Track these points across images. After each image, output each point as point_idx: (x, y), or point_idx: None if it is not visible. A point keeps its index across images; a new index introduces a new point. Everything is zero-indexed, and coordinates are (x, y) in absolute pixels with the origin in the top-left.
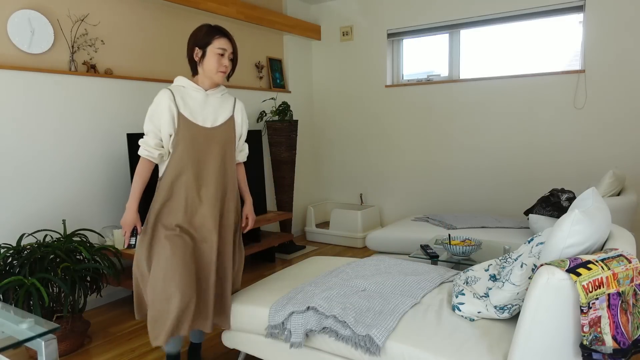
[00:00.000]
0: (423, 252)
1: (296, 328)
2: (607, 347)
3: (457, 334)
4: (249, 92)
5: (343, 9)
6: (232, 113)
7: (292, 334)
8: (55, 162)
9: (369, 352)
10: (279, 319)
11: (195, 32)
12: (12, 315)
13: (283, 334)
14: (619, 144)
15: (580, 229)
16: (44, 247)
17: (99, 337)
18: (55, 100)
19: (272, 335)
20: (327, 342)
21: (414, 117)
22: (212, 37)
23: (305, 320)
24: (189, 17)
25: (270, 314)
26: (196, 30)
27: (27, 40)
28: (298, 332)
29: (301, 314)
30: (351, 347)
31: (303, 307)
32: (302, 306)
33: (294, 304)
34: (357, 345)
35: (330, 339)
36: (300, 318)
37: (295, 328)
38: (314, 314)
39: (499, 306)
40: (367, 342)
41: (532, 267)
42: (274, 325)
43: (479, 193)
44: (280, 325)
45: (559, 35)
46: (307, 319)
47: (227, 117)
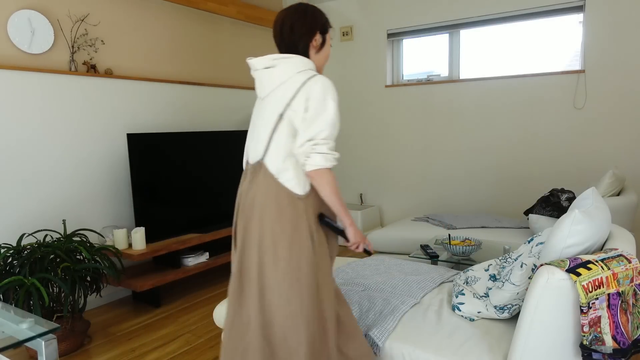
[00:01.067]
0: (423, 252)
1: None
2: (607, 347)
3: (457, 334)
4: (249, 92)
5: (343, 9)
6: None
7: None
8: (56, 162)
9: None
10: None
11: (317, 15)
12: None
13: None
14: (618, 144)
15: (580, 229)
16: (44, 247)
17: (99, 337)
18: (55, 101)
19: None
20: None
21: (414, 117)
22: (329, 24)
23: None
24: (189, 17)
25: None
26: (316, 13)
27: (27, 40)
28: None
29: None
30: None
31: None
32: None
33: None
34: None
35: None
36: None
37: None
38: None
39: (499, 306)
40: (367, 342)
41: (532, 267)
42: None
43: (479, 193)
44: None
45: (559, 35)
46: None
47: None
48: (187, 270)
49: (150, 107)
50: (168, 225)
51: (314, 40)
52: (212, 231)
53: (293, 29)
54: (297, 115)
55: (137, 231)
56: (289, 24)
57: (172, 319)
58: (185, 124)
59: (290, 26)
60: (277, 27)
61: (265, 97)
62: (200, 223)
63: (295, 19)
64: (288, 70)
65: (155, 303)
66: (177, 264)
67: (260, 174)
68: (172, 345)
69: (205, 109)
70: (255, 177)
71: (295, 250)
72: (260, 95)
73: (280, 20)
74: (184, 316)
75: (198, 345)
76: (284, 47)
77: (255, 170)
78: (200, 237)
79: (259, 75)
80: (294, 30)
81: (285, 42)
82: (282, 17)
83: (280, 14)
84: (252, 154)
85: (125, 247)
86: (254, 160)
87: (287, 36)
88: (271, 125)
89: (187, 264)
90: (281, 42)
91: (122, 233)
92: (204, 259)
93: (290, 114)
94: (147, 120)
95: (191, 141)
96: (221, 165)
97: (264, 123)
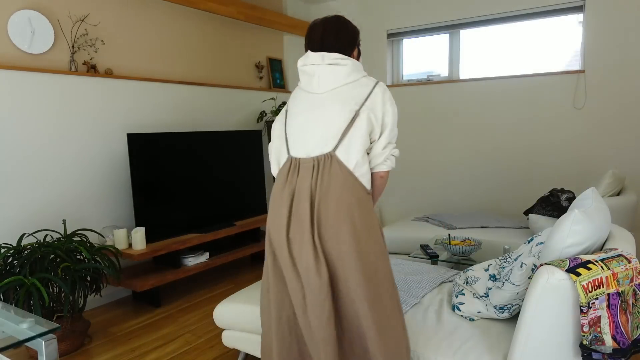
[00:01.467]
0: (423, 252)
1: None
2: (606, 347)
3: (457, 334)
4: (249, 92)
5: (343, 9)
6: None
7: None
8: (56, 162)
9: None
10: None
11: (355, 28)
12: (13, 315)
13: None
14: (619, 144)
15: (580, 229)
16: (44, 247)
17: (99, 337)
18: (55, 100)
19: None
20: None
21: (414, 117)
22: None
23: None
24: (189, 17)
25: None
26: (354, 26)
27: (27, 40)
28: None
29: None
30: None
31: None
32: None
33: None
34: None
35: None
36: None
37: None
38: None
39: (498, 306)
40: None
41: (531, 267)
42: None
43: (478, 193)
44: None
45: (559, 35)
46: None
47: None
48: (187, 270)
49: (150, 107)
50: (168, 225)
51: (355, 51)
52: (212, 231)
53: (339, 38)
54: (376, 117)
55: (137, 231)
56: (334, 32)
57: (172, 319)
58: (185, 124)
59: (335, 35)
60: (318, 35)
61: (326, 92)
62: (200, 223)
63: (339, 29)
64: (355, 71)
65: (155, 303)
66: (177, 264)
67: (333, 166)
68: (172, 345)
69: (205, 109)
70: (326, 169)
71: (379, 246)
72: (316, 90)
73: (321, 28)
74: (184, 316)
75: (198, 345)
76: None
77: (322, 163)
78: (200, 237)
79: (318, 70)
80: (340, 39)
81: (328, 49)
82: (324, 25)
83: (321, 22)
84: (314, 146)
85: (125, 247)
86: (319, 152)
87: (331, 43)
88: (344, 120)
89: (187, 264)
90: (320, 49)
91: (122, 233)
92: (204, 259)
93: (368, 114)
94: (147, 120)
95: (191, 141)
96: (221, 165)
97: (331, 116)
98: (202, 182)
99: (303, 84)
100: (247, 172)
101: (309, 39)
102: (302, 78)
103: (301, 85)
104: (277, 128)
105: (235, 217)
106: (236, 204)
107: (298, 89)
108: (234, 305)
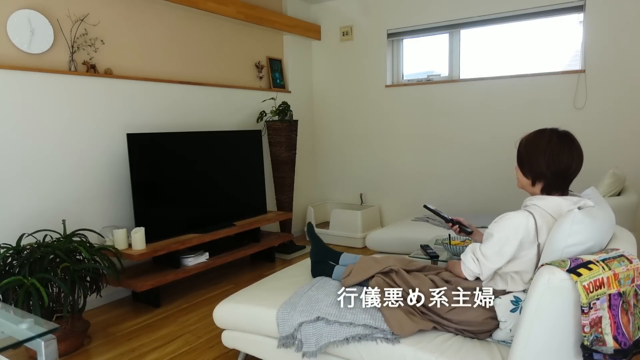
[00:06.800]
0: (423, 252)
1: (307, 338)
2: (608, 348)
3: (458, 334)
4: (249, 92)
5: (343, 9)
6: None
7: (303, 344)
8: (55, 162)
9: (386, 341)
10: (289, 330)
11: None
12: (12, 315)
13: (294, 343)
14: (619, 144)
15: (581, 228)
16: (43, 247)
17: (99, 337)
18: (55, 100)
19: (285, 345)
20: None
21: (414, 117)
22: None
23: (318, 330)
24: (189, 17)
25: (278, 324)
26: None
27: (26, 40)
28: (310, 342)
29: (311, 324)
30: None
31: (312, 317)
32: (310, 315)
33: (301, 313)
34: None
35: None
36: (310, 328)
37: (306, 338)
38: (326, 325)
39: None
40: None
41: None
42: (286, 337)
43: (479, 193)
44: (290, 335)
45: (559, 35)
46: (321, 330)
47: None
48: (187, 271)
49: (150, 107)
50: (168, 225)
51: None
52: (212, 231)
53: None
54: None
55: (137, 231)
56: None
57: (172, 319)
58: (185, 124)
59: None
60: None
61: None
62: (200, 223)
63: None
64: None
65: (155, 303)
66: (177, 264)
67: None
68: (172, 346)
69: (205, 109)
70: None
71: None
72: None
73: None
74: (184, 316)
75: (198, 345)
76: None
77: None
78: (200, 237)
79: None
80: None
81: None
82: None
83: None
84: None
85: (125, 247)
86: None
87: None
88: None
89: (187, 264)
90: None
91: (122, 233)
92: (204, 259)
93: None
94: (147, 120)
95: (191, 141)
96: (221, 165)
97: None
98: (202, 182)
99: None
100: (247, 172)
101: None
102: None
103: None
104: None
105: (235, 217)
106: (236, 204)
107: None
108: (234, 306)
